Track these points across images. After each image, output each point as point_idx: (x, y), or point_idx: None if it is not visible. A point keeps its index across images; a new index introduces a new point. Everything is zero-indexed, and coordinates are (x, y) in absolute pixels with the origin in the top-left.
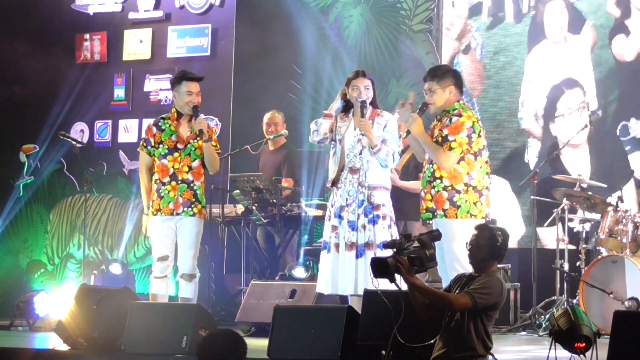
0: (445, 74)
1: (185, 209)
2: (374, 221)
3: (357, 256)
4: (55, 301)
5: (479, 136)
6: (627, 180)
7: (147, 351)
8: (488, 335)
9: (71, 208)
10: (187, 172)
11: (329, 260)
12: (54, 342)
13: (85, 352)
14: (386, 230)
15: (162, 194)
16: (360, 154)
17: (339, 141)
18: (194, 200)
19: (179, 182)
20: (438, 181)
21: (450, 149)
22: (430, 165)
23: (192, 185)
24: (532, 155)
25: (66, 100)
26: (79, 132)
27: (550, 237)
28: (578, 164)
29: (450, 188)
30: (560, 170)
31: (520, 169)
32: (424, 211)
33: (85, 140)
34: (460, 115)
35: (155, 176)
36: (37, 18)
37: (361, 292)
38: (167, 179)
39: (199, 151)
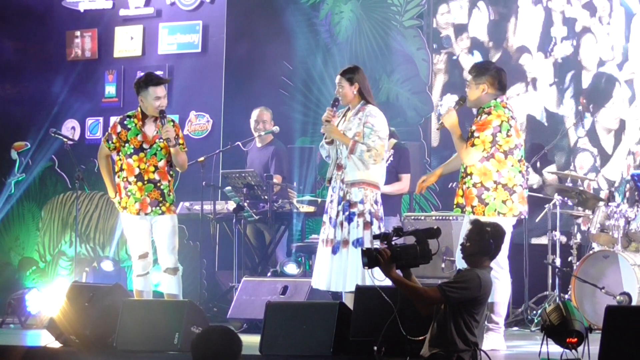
0: (482, 72)
1: (154, 208)
2: (349, 219)
3: (333, 252)
4: (47, 298)
5: (508, 135)
6: None
7: (139, 348)
8: (471, 330)
9: (63, 205)
10: (154, 172)
11: (318, 255)
12: (46, 340)
13: (77, 349)
14: (360, 229)
15: (129, 193)
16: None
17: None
18: (161, 199)
19: (146, 182)
20: (468, 177)
21: (473, 145)
22: None
23: (159, 185)
24: None
25: (57, 97)
26: (70, 129)
27: (542, 232)
28: None
29: (479, 185)
30: None
31: None
32: (455, 206)
33: (76, 137)
34: (489, 114)
35: (123, 174)
36: (27, 15)
37: (334, 289)
38: (132, 178)
39: (164, 151)
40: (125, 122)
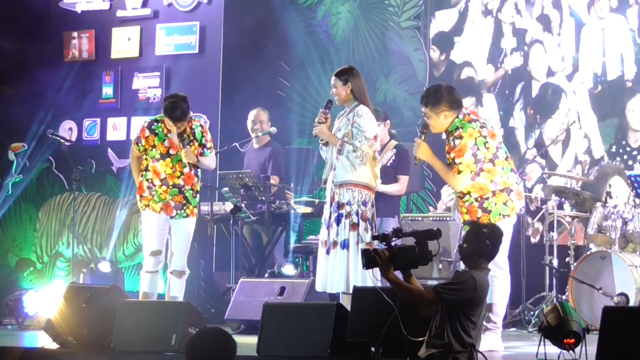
0: (437, 100)
1: (178, 211)
2: (338, 220)
3: (327, 253)
4: (44, 299)
5: (487, 147)
6: None
7: (137, 349)
8: (467, 332)
9: (60, 206)
10: (179, 177)
11: (318, 257)
12: (43, 341)
13: (74, 350)
14: (347, 230)
15: (154, 193)
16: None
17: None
18: (185, 202)
19: (170, 186)
20: (467, 196)
21: (459, 172)
22: None
23: (182, 189)
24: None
25: (54, 98)
26: (67, 130)
27: (540, 233)
28: None
29: (479, 199)
30: None
31: None
32: (463, 223)
33: (73, 138)
34: (460, 137)
35: (148, 175)
36: (25, 16)
37: (321, 289)
38: (157, 182)
39: None
40: (152, 127)
